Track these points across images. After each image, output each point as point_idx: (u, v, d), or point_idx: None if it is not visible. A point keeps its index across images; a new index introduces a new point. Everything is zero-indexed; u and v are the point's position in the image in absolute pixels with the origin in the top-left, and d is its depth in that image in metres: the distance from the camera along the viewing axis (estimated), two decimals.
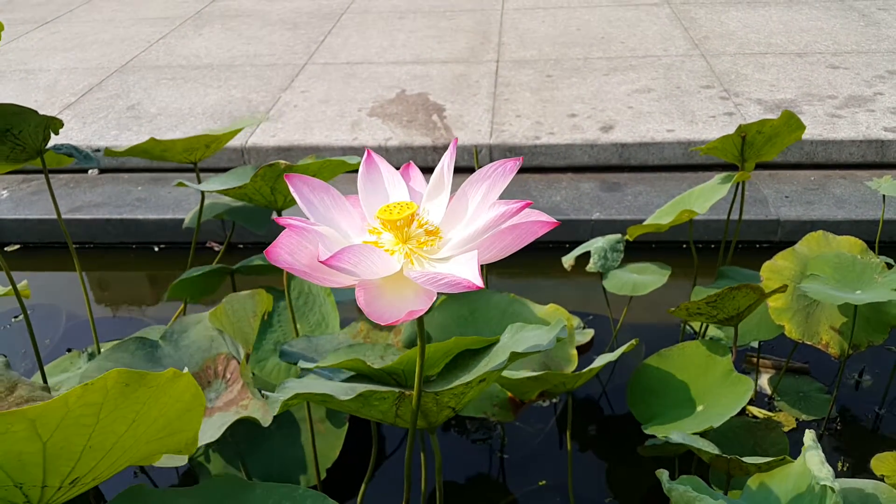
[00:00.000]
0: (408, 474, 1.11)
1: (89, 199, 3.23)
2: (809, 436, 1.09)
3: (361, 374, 1.21)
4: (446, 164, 0.87)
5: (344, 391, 1.03)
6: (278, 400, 1.07)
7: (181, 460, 1.38)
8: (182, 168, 3.41)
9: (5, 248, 3.13)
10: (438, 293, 0.78)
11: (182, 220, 3.05)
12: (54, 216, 3.11)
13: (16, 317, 2.68)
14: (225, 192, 1.38)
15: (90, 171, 3.46)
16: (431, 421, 1.11)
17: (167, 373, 0.86)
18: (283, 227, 0.81)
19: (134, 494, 1.08)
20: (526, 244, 0.81)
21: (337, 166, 1.38)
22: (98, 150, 3.39)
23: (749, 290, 1.49)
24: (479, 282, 0.73)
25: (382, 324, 0.76)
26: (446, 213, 0.85)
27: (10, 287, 1.92)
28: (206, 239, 3.09)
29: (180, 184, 1.68)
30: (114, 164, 3.44)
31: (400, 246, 0.81)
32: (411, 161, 0.96)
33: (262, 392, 1.14)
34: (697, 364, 1.62)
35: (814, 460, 1.03)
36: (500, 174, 0.83)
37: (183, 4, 5.65)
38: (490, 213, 0.78)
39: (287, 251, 0.79)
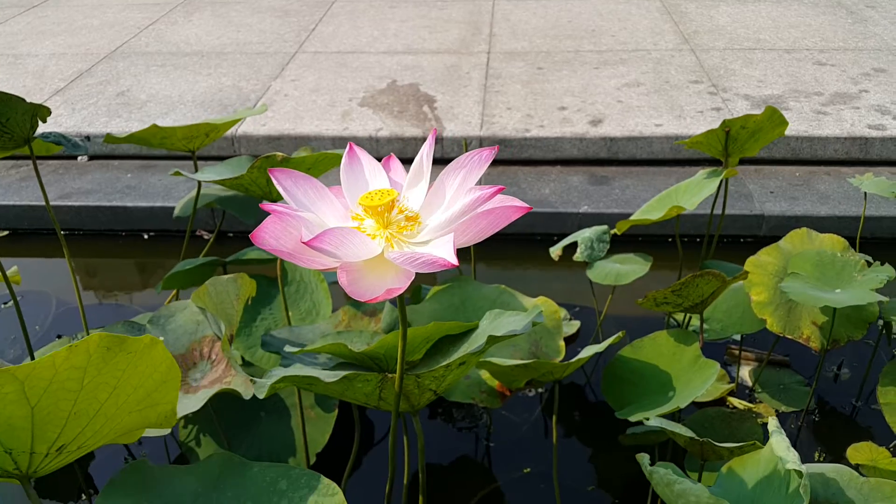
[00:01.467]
0: (392, 455, 1.15)
1: (79, 185, 3.22)
2: (773, 423, 1.13)
3: (344, 360, 1.24)
4: (425, 153, 0.91)
5: (329, 375, 1.06)
6: (266, 384, 1.10)
7: (163, 433, 1.41)
8: (172, 156, 3.41)
9: None
10: (419, 275, 0.82)
11: (172, 209, 3.06)
12: (42, 203, 3.11)
13: (5, 303, 2.68)
14: (221, 183, 1.40)
15: (79, 158, 3.45)
16: (413, 403, 1.15)
17: (144, 338, 0.89)
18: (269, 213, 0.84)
19: (136, 469, 1.11)
20: (500, 228, 0.85)
21: (333, 159, 1.40)
22: (88, 137, 3.38)
23: (711, 277, 1.54)
24: (454, 260, 0.77)
25: (363, 301, 0.80)
26: (425, 201, 0.89)
27: (0, 273, 1.94)
28: (196, 227, 3.10)
29: (177, 173, 1.69)
30: (104, 150, 3.43)
31: (381, 231, 0.85)
32: (392, 154, 0.99)
33: (252, 378, 1.17)
34: (667, 353, 1.67)
35: (780, 446, 1.07)
36: (475, 162, 0.87)
37: None
38: (465, 199, 0.82)
39: (272, 236, 0.83)
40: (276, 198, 1.52)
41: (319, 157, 1.39)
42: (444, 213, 0.86)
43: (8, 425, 0.83)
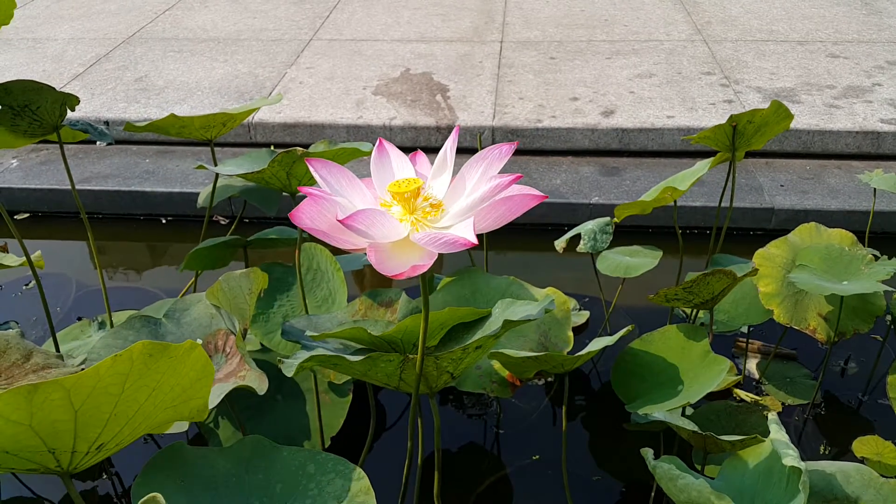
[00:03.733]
0: (411, 433, 1.20)
1: (98, 170, 3.28)
2: (772, 417, 1.17)
3: (364, 345, 1.29)
4: (449, 146, 0.98)
5: (354, 355, 1.12)
6: (294, 363, 1.16)
7: (184, 427, 1.47)
8: (189, 142, 3.46)
9: (15, 217, 3.19)
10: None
11: (190, 194, 3.11)
12: (63, 186, 3.17)
13: (27, 284, 2.75)
14: (243, 177, 1.45)
15: (98, 143, 3.50)
16: (431, 385, 1.20)
17: (185, 344, 0.93)
18: (304, 196, 0.92)
19: (174, 452, 1.17)
20: (518, 215, 0.92)
21: (351, 153, 1.45)
22: (107, 123, 3.43)
23: (722, 275, 1.57)
24: (473, 239, 0.84)
25: (389, 276, 0.87)
26: (448, 190, 0.97)
27: (24, 258, 1.99)
28: (214, 213, 3.15)
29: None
30: (122, 136, 3.48)
31: (407, 216, 0.93)
32: (418, 150, 1.06)
33: (279, 358, 1.23)
34: (677, 347, 1.71)
35: (780, 440, 1.11)
36: (496, 156, 0.95)
37: None
38: (485, 186, 0.89)
39: (308, 216, 0.91)
40: (295, 191, 1.56)
41: (338, 151, 1.43)
42: (465, 200, 0.93)
43: (53, 428, 0.89)
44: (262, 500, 1.17)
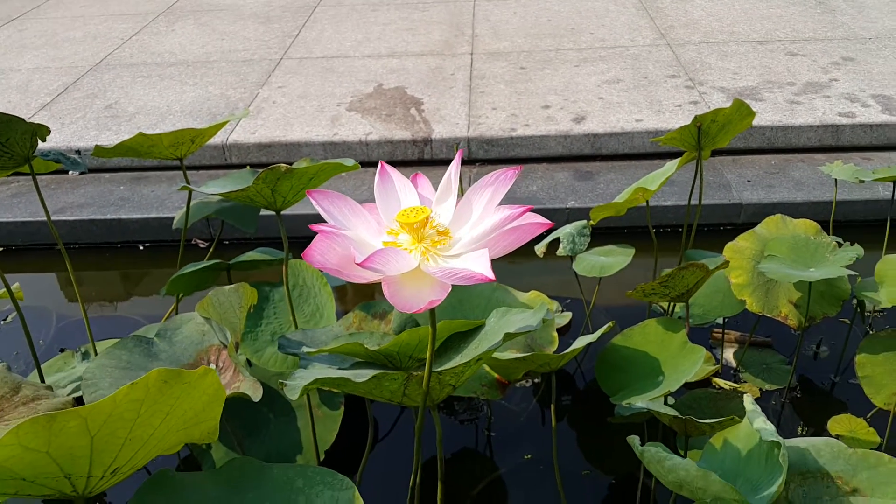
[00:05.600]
0: (417, 447, 1.23)
1: (72, 199, 3.27)
2: (748, 399, 1.23)
3: (360, 359, 1.32)
4: (453, 172, 0.99)
5: (359, 375, 1.15)
6: (297, 386, 1.18)
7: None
8: (164, 166, 3.46)
9: None
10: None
11: (166, 219, 3.12)
12: (36, 218, 3.15)
13: (5, 319, 2.73)
14: (228, 196, 1.47)
15: (71, 172, 3.49)
16: (433, 398, 1.23)
17: (199, 370, 0.96)
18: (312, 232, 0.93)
19: (162, 479, 1.18)
20: (525, 242, 0.94)
21: (335, 168, 1.48)
22: (78, 152, 3.42)
23: (695, 268, 1.64)
24: (491, 275, 0.85)
25: (407, 311, 0.88)
26: (454, 216, 0.98)
27: (4, 289, 1.99)
28: (192, 237, 3.16)
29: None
30: (94, 164, 3.48)
31: (416, 245, 0.94)
32: (419, 172, 1.08)
33: (281, 381, 1.25)
34: (656, 340, 1.76)
35: (758, 421, 1.16)
36: (502, 181, 0.97)
37: (153, 0, 5.64)
38: (495, 217, 0.91)
39: (319, 253, 0.92)
40: (280, 208, 1.59)
41: (322, 167, 1.47)
42: (474, 230, 0.94)
43: (70, 454, 0.90)
44: None
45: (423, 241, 0.94)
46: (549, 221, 0.93)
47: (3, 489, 0.92)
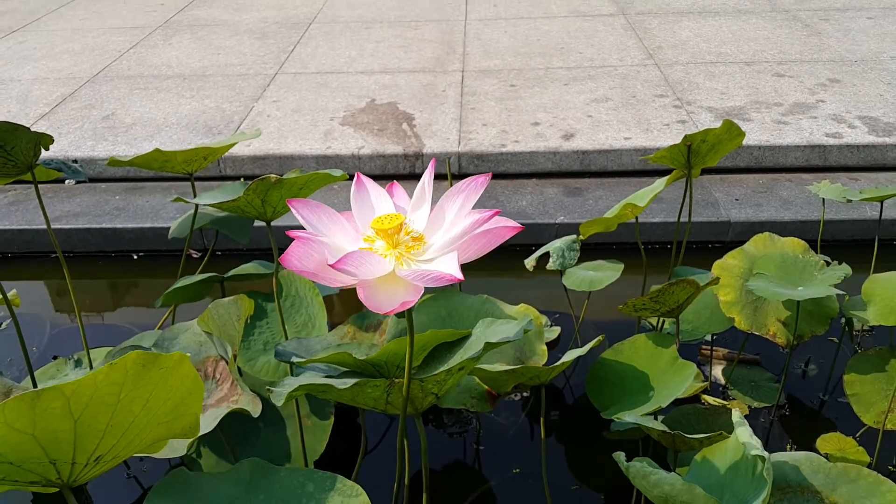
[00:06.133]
0: (400, 454, 1.24)
1: (67, 208, 3.28)
2: (736, 414, 1.25)
3: (349, 368, 1.34)
4: (426, 180, 1.03)
5: (341, 382, 1.17)
6: (283, 392, 1.20)
7: (181, 450, 1.50)
8: (159, 178, 3.48)
9: None
10: (425, 289, 0.93)
11: (161, 229, 3.13)
12: (32, 227, 3.16)
13: None
14: (219, 206, 1.50)
15: (67, 182, 3.50)
16: (417, 406, 1.25)
17: (175, 355, 0.98)
18: (291, 239, 0.97)
19: (176, 477, 1.20)
20: (497, 245, 0.97)
21: (323, 178, 1.51)
22: (75, 161, 3.44)
23: (686, 284, 1.66)
24: (459, 275, 0.89)
25: (381, 313, 0.92)
26: (428, 222, 1.01)
27: (1, 297, 2.00)
28: (187, 248, 3.17)
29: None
30: (90, 174, 3.49)
31: (391, 251, 0.97)
32: (394, 181, 1.11)
33: (268, 387, 1.27)
34: (646, 355, 1.79)
35: (744, 435, 1.19)
36: (472, 188, 1.00)
37: (151, 14, 5.68)
38: (466, 221, 0.95)
39: (297, 258, 0.95)
40: (270, 218, 1.61)
41: (311, 177, 1.49)
42: (446, 234, 0.97)
43: (54, 438, 0.92)
44: None
45: (398, 247, 0.97)
46: (520, 225, 0.97)
47: None
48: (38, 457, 0.93)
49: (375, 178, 1.09)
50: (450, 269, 0.90)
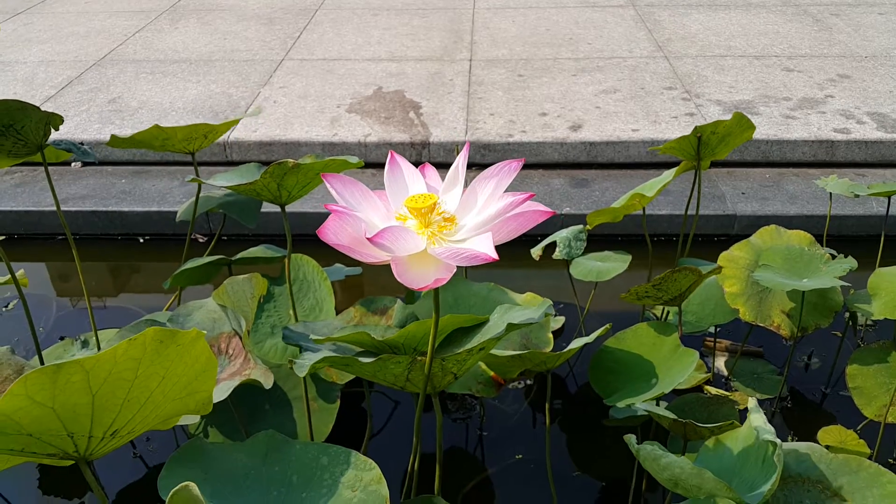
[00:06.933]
0: (417, 430, 1.26)
1: (74, 191, 3.28)
2: (752, 402, 1.26)
3: (365, 348, 1.35)
4: (460, 163, 1.04)
5: (364, 356, 1.18)
6: (306, 364, 1.22)
7: (193, 420, 1.52)
8: (165, 161, 3.49)
9: None
10: (458, 267, 0.94)
11: (167, 213, 3.14)
12: (38, 208, 3.17)
13: (6, 306, 2.74)
14: (235, 189, 1.50)
15: (73, 164, 3.51)
16: (436, 385, 1.27)
17: (191, 332, 0.99)
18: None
19: (194, 446, 1.22)
20: (527, 229, 0.98)
21: (340, 165, 1.51)
22: (82, 143, 3.44)
23: (688, 272, 1.67)
24: (494, 255, 0.90)
25: (415, 289, 0.93)
26: (460, 204, 1.02)
27: (9, 276, 2.01)
28: (191, 231, 3.18)
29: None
30: (97, 156, 3.49)
31: (423, 230, 0.98)
32: (426, 163, 1.12)
33: (289, 359, 1.29)
34: (649, 343, 1.79)
35: (758, 420, 1.19)
36: (505, 172, 1.01)
37: None
38: (500, 203, 0.95)
39: (332, 232, 0.96)
40: (285, 202, 1.62)
41: (327, 163, 1.50)
42: (479, 216, 0.98)
43: (73, 411, 0.93)
44: (280, 490, 1.23)
45: (430, 227, 0.98)
46: (552, 210, 0.97)
47: (11, 445, 0.95)
48: (57, 429, 0.94)
49: (381, 166, 1.10)
50: (485, 248, 0.91)
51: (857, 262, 1.98)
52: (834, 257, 2.05)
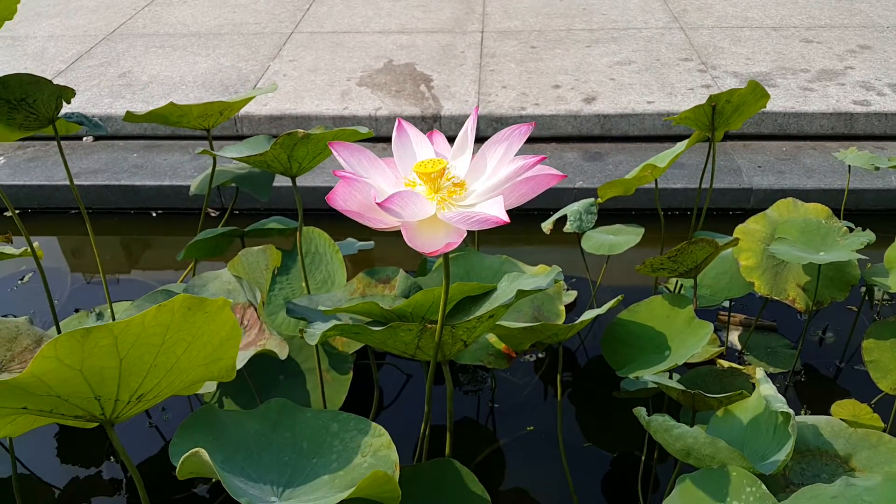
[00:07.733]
0: (428, 397, 1.26)
1: (86, 165, 3.29)
2: (760, 372, 1.25)
3: (373, 318, 1.35)
4: (469, 127, 1.02)
5: (374, 325, 1.18)
6: (317, 333, 1.22)
7: (212, 388, 1.54)
8: (177, 136, 3.48)
9: (4, 214, 3.19)
10: (468, 231, 0.93)
11: (180, 187, 3.14)
12: (51, 182, 3.18)
13: (21, 279, 2.77)
14: (245, 160, 1.49)
15: (84, 139, 3.51)
16: (445, 353, 1.27)
17: (219, 300, 0.99)
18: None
19: (206, 412, 1.23)
20: (538, 193, 0.96)
21: (350, 134, 1.50)
22: (93, 118, 3.44)
23: (704, 244, 1.65)
24: (505, 217, 0.88)
25: (426, 253, 0.92)
26: (469, 169, 1.01)
27: (25, 247, 2.03)
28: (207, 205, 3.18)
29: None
30: (107, 131, 3.49)
31: (433, 195, 0.97)
32: (435, 130, 1.10)
33: (300, 329, 1.29)
34: (662, 315, 1.78)
35: (768, 390, 1.18)
36: (516, 136, 0.99)
37: None
38: (511, 167, 0.93)
39: (341, 198, 0.96)
40: (296, 173, 1.61)
41: (337, 133, 1.49)
42: (489, 180, 0.97)
43: (101, 375, 0.94)
44: (290, 456, 1.24)
45: (440, 192, 0.97)
46: (562, 174, 0.96)
47: (40, 405, 0.96)
48: (85, 392, 0.96)
49: (392, 139, 1.08)
50: (496, 211, 0.89)
51: (875, 235, 1.96)
52: (851, 231, 2.02)
